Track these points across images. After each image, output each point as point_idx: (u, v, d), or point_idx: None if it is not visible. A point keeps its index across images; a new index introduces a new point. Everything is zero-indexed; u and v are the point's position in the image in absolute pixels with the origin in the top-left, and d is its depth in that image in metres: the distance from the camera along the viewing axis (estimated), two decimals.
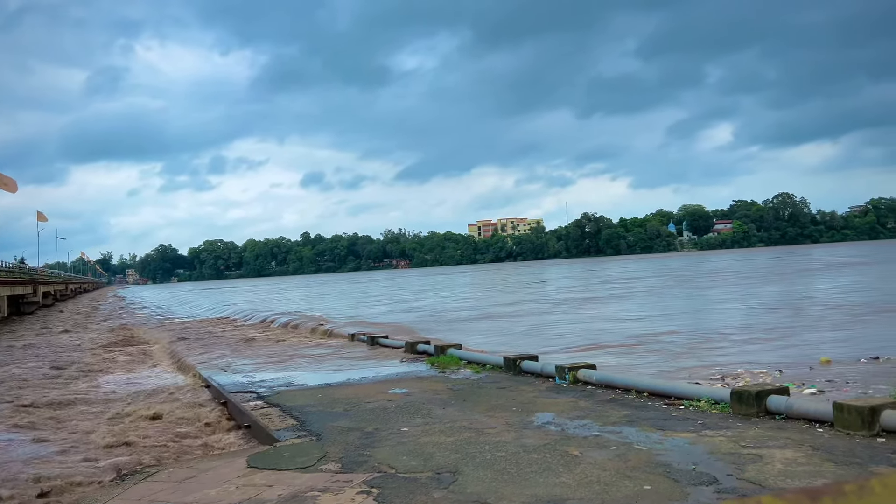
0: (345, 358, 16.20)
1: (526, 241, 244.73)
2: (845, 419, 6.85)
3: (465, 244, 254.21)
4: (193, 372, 16.32)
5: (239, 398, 11.23)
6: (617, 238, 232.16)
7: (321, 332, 24.07)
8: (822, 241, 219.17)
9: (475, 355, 13.87)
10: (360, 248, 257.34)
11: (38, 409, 13.68)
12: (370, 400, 10.30)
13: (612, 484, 5.81)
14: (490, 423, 8.35)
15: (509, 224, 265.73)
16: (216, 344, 22.49)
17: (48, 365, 21.68)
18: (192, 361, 17.95)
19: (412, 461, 6.86)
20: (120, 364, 20.93)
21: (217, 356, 18.54)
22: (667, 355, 16.83)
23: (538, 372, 11.48)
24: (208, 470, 7.30)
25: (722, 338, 19.53)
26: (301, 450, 7.65)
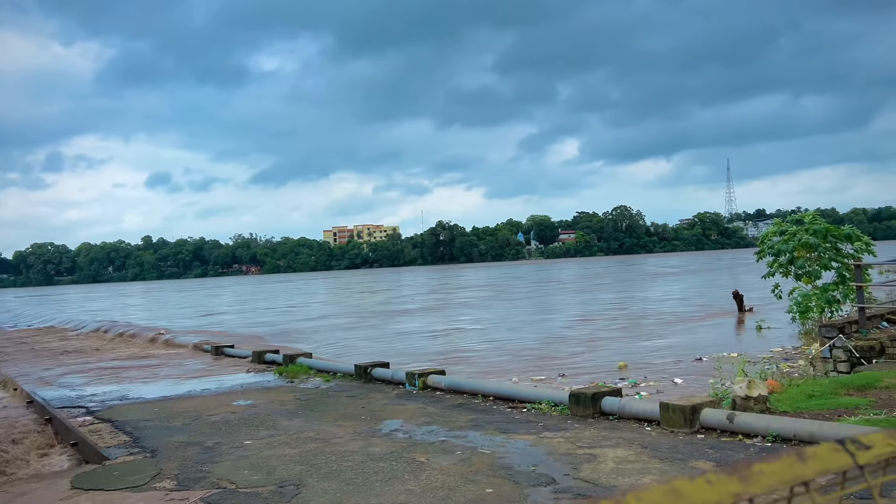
0: (186, 369, 15.44)
1: (382, 248, 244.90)
2: (670, 418, 7.39)
3: (319, 250, 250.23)
4: (14, 386, 14.87)
5: (65, 414, 10.37)
6: (470, 246, 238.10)
7: (161, 341, 22.79)
8: (655, 251, 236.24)
9: (325, 364, 13.68)
10: (208, 253, 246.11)
11: None
12: (212, 413, 9.86)
13: (455, 489, 5.90)
14: (338, 432, 8.24)
15: (366, 230, 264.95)
16: (43, 355, 20.68)
17: None
18: (12, 374, 16.36)
19: (254, 475, 6.62)
20: None
21: (43, 368, 17.05)
22: (512, 360, 17.41)
23: (389, 379, 11.49)
24: (25, 493, 6.66)
25: (562, 343, 20.51)
26: (133, 467, 7.17)
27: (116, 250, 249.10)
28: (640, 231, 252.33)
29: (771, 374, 10.92)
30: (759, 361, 13.58)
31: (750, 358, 13.60)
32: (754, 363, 13.06)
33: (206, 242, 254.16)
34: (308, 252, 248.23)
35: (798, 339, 17.27)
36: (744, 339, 19.36)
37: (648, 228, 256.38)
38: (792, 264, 17.63)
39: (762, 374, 10.32)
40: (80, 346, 23.15)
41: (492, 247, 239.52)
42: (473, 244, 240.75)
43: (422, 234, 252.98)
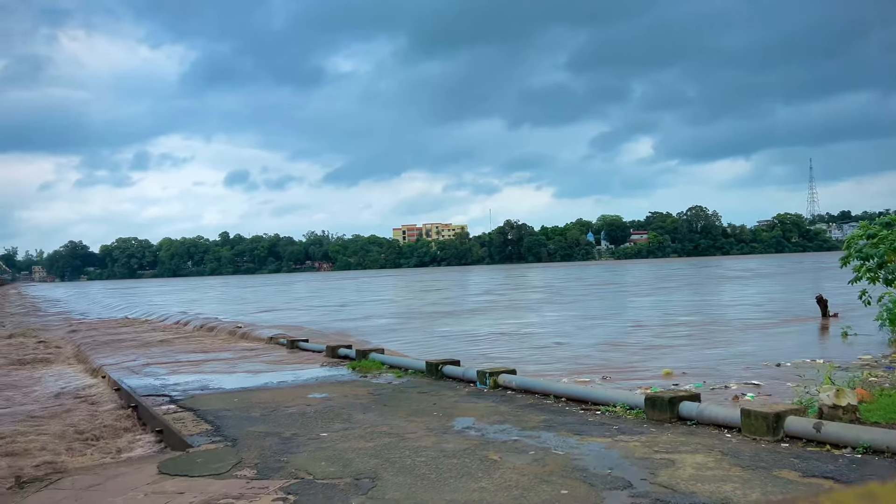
0: (263, 361, 15.86)
1: (450, 247, 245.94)
2: (752, 425, 7.15)
3: (389, 248, 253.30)
4: (103, 374, 15.64)
5: (150, 402, 10.82)
6: (538, 246, 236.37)
7: (239, 334, 23.49)
8: (731, 253, 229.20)
9: (397, 359, 13.82)
10: (282, 250, 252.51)
11: None
12: (289, 404, 10.11)
13: (530, 489, 5.87)
14: (410, 427, 8.32)
15: (434, 229, 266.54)
16: (128, 345, 21.62)
17: None
18: (101, 363, 17.19)
19: (330, 467, 6.75)
20: (25, 365, 19.82)
21: (128, 358, 17.83)
22: (586, 361, 17.20)
23: (459, 377, 11.53)
24: (116, 477, 6.98)
25: (640, 344, 20.12)
26: (215, 455, 7.42)
27: (195, 246, 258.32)
28: (715, 232, 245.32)
29: (859, 382, 10.43)
30: (849, 367, 13.00)
31: (837, 365, 13.03)
32: (844, 369, 12.51)
33: (281, 239, 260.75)
34: (378, 250, 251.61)
35: (888, 346, 16.46)
36: (828, 346, 18.57)
37: (725, 230, 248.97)
38: (882, 269, 16.80)
39: (851, 382, 9.88)
40: (163, 338, 24.09)
41: (560, 246, 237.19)
42: (542, 244, 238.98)
43: (490, 233, 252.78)
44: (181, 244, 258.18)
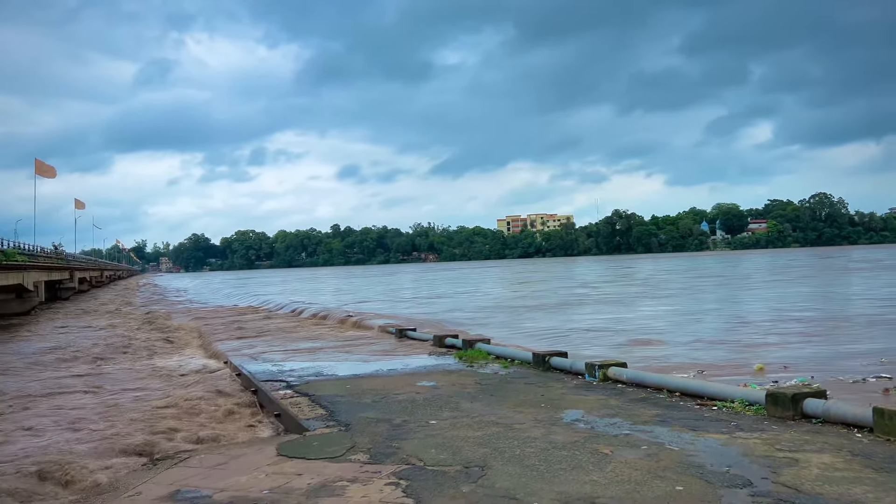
0: (373, 349, 16.26)
1: (555, 237, 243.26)
2: (886, 425, 6.68)
3: (493, 239, 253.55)
4: (224, 359, 16.51)
5: (269, 387, 11.32)
6: (648, 236, 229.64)
7: (350, 323, 24.20)
8: (860, 242, 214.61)
9: (503, 350, 13.82)
10: (389, 241, 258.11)
11: (75, 395, 13.96)
12: (398, 392, 10.32)
13: (643, 483, 5.73)
14: (518, 418, 8.30)
15: (539, 220, 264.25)
16: (247, 332, 22.72)
17: (84, 351, 22.10)
18: (222, 349, 18.17)
19: (440, 454, 6.84)
20: (152, 350, 21.25)
21: (247, 344, 18.74)
22: (699, 355, 16.62)
23: (567, 368, 11.40)
24: (239, 457, 7.36)
25: (755, 338, 19.23)
26: (330, 439, 7.68)
27: (308, 238, 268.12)
28: (842, 221, 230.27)
29: None
30: None
31: None
32: None
33: (388, 231, 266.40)
34: (482, 241, 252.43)
35: None
36: None
37: (852, 218, 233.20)
38: None
39: None
40: (279, 326, 25.18)
41: (672, 237, 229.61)
42: (652, 233, 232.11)
43: (597, 223, 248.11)
44: (295, 236, 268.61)
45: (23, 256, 38.89)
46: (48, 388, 14.59)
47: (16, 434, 10.20)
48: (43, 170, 60.24)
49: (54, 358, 20.14)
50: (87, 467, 7.90)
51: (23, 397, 13.57)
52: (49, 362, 19.26)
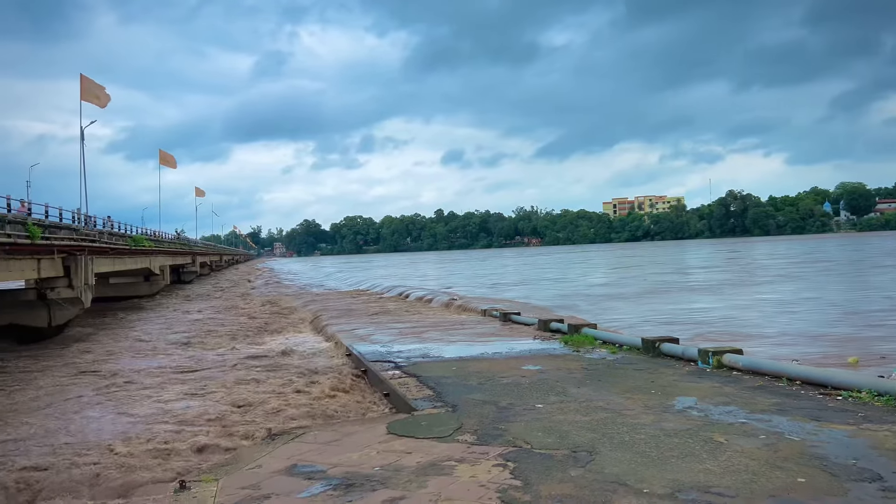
0: (478, 333, 16.36)
1: (664, 220, 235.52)
2: None
3: (599, 222, 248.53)
4: (336, 340, 17.07)
5: (378, 367, 11.63)
6: (765, 218, 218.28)
7: (454, 306, 24.44)
8: None
9: (611, 335, 13.58)
10: (492, 226, 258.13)
11: (195, 373, 14.84)
12: (504, 375, 10.34)
13: (760, 474, 5.50)
14: (627, 404, 8.15)
15: (647, 202, 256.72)
16: (356, 314, 23.39)
17: (207, 332, 23.45)
18: (334, 330, 18.79)
19: (547, 438, 6.82)
20: (269, 330, 22.27)
21: (357, 326, 19.29)
22: (819, 343, 15.74)
23: (679, 355, 11.07)
24: (351, 434, 7.61)
25: (855, 330, 18.02)
26: (438, 420, 7.81)
27: (413, 223, 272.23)
28: None
29: None
30: None
31: None
32: None
33: (491, 215, 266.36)
34: (587, 224, 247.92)
35: None
36: None
37: None
38: None
39: None
40: (386, 308, 25.76)
41: (791, 218, 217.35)
42: (769, 215, 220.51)
43: (710, 204, 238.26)
44: (400, 221, 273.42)
45: (149, 242, 41.54)
46: (180, 366, 15.59)
47: (158, 403, 10.99)
48: (166, 160, 64.05)
49: (180, 337, 21.49)
50: (216, 442, 8.42)
51: (151, 374, 14.58)
52: (174, 341, 20.57)
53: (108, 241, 30.51)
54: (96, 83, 33.79)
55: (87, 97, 33.07)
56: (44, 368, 16.23)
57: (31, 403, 12.13)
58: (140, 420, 10.08)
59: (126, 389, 12.87)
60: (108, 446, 8.54)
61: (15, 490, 7.16)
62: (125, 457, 8.02)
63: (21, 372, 15.83)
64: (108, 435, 9.29)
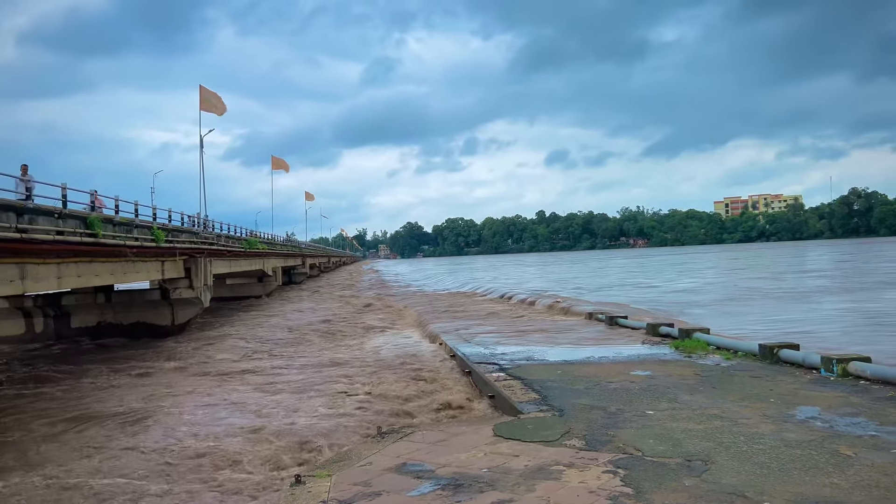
0: (583, 336, 16.11)
1: (781, 220, 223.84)
2: None
3: (710, 223, 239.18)
4: (440, 341, 17.26)
5: (482, 369, 11.65)
6: (892, 216, 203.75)
7: (558, 308, 24.18)
8: None
9: (725, 341, 13.05)
10: (596, 227, 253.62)
11: (309, 368, 15.38)
12: (611, 380, 10.14)
13: (895, 491, 5.14)
14: (744, 413, 7.80)
15: (762, 201, 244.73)
16: (459, 316, 23.57)
17: (318, 327, 24.26)
18: (438, 331, 19.00)
19: (659, 445, 6.63)
20: (375, 329, 22.80)
21: (461, 327, 19.43)
22: None
23: (799, 362, 10.50)
24: (457, 435, 7.67)
25: None
26: (544, 423, 7.75)
27: (514, 224, 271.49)
28: None
29: None
30: None
31: None
32: None
33: (595, 216, 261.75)
34: (697, 224, 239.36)
35: None
36: None
37: None
38: None
39: None
40: (489, 310, 25.82)
41: None
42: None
43: (830, 203, 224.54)
44: (501, 223, 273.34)
45: (263, 245, 43.39)
46: (294, 364, 16.24)
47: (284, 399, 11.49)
48: (279, 165, 66.75)
49: (292, 336, 22.35)
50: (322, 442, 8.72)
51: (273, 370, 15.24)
52: (287, 340, 21.41)
53: (225, 243, 32.14)
54: (214, 93, 35.60)
55: (206, 107, 34.91)
56: (185, 363, 17.28)
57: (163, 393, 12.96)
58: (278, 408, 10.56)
59: (250, 383, 13.52)
60: (252, 431, 9.00)
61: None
62: (264, 444, 8.43)
63: (154, 366, 16.92)
64: (246, 424, 9.79)
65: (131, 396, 13.14)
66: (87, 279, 18.46)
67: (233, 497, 7.35)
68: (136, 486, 7.82)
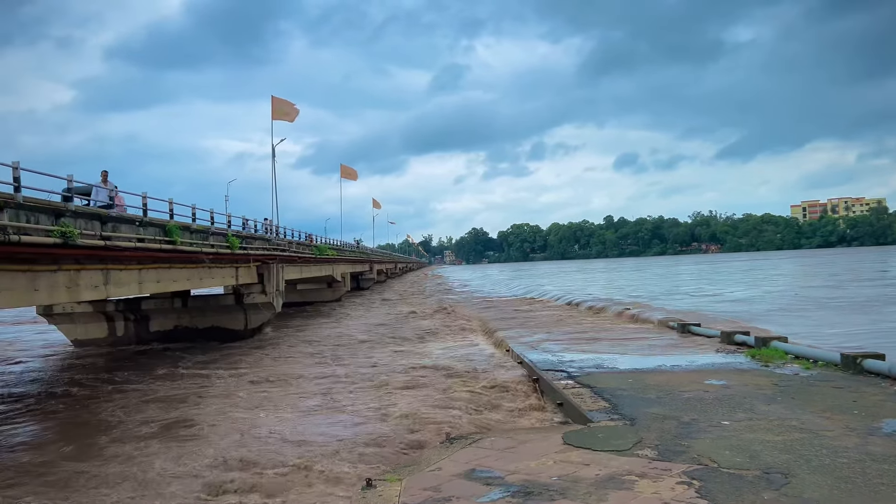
0: (653, 344, 15.79)
1: (863, 224, 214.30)
2: None
3: (786, 227, 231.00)
4: (506, 348, 17.21)
5: (550, 376, 11.55)
6: None
7: (627, 315, 23.75)
8: None
9: (804, 350, 12.56)
10: (666, 232, 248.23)
11: (381, 373, 15.56)
12: (684, 389, 9.90)
13: None
14: (825, 424, 7.50)
15: (842, 204, 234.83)
16: (526, 322, 23.44)
17: (386, 332, 24.53)
18: (504, 337, 18.95)
19: (736, 457, 6.44)
20: (441, 335, 22.89)
21: (527, 334, 19.32)
22: None
23: (885, 373, 10.02)
24: (526, 442, 7.63)
25: None
26: (615, 433, 7.63)
27: (581, 229, 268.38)
28: None
29: None
30: None
31: None
32: None
33: (665, 221, 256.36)
34: (773, 229, 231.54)
35: None
36: None
37: None
38: None
39: None
40: (556, 316, 25.59)
41: None
42: None
43: None
44: (568, 228, 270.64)
45: (332, 251, 44.18)
46: (358, 371, 16.47)
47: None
48: (347, 173, 67.97)
49: (363, 341, 22.65)
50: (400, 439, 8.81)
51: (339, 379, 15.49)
52: (358, 344, 21.72)
53: (296, 250, 32.87)
54: (286, 101, 36.51)
55: (278, 115, 35.82)
56: (263, 367, 17.78)
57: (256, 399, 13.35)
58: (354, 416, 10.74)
59: (323, 387, 13.79)
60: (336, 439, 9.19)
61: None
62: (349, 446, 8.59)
63: (232, 371, 17.44)
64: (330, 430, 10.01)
65: (220, 401, 13.58)
66: (165, 284, 19.17)
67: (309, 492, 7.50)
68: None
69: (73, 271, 14.28)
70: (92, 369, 18.83)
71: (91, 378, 17.14)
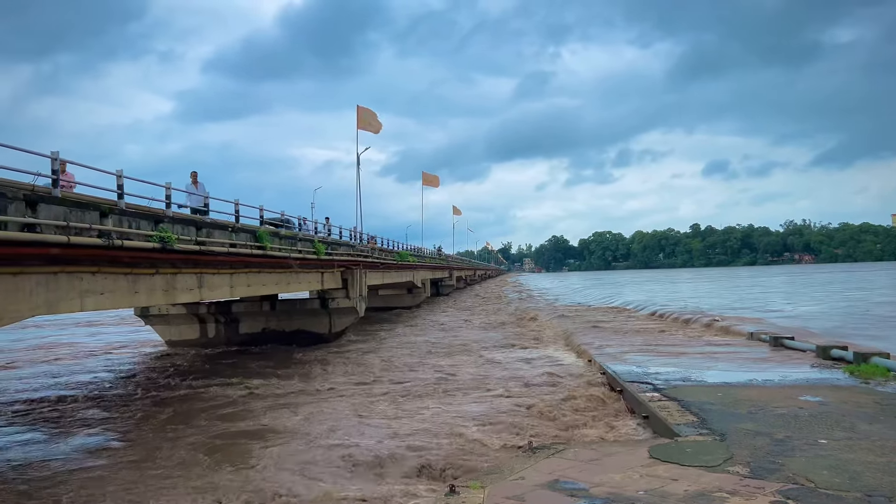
0: (744, 357, 15.24)
1: None
2: None
3: (886, 237, 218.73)
4: (588, 358, 16.96)
5: (635, 388, 11.32)
6: None
7: (716, 328, 23.00)
8: None
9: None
10: (756, 241, 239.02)
11: (466, 380, 15.62)
12: (777, 405, 9.52)
13: None
14: None
15: None
16: (608, 332, 23.04)
17: (465, 339, 24.63)
18: (586, 347, 18.68)
19: (835, 477, 6.15)
20: (522, 343, 22.79)
21: (609, 344, 18.99)
22: None
23: None
24: (611, 454, 7.51)
25: None
26: (704, 448, 7.42)
27: (666, 238, 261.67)
28: None
29: None
30: None
31: None
32: None
33: (755, 230, 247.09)
34: (872, 239, 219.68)
35: None
36: None
37: None
38: None
39: None
40: (640, 327, 25.03)
41: None
42: None
43: None
44: (652, 237, 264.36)
45: (413, 258, 44.68)
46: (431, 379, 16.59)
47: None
48: (429, 181, 68.70)
49: (444, 346, 22.82)
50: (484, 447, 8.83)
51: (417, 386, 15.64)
52: (439, 350, 21.89)
53: (378, 256, 33.43)
54: (371, 112, 37.23)
55: (363, 125, 36.56)
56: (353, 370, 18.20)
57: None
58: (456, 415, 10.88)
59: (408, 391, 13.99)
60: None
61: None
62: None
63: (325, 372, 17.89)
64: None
65: (317, 403, 13.97)
66: (255, 288, 19.86)
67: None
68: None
69: (169, 275, 14.97)
70: (199, 371, 19.68)
71: (198, 379, 17.93)
